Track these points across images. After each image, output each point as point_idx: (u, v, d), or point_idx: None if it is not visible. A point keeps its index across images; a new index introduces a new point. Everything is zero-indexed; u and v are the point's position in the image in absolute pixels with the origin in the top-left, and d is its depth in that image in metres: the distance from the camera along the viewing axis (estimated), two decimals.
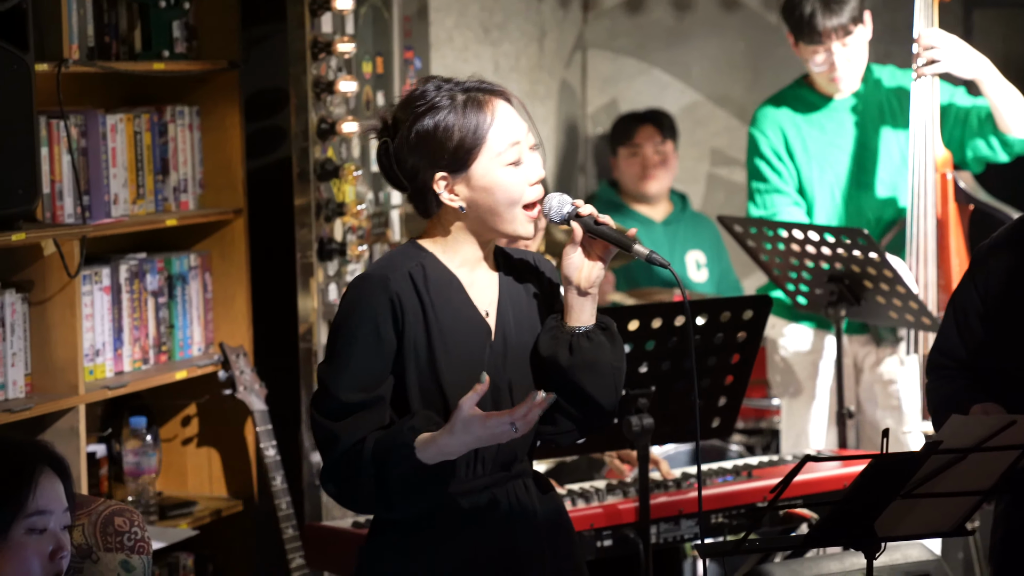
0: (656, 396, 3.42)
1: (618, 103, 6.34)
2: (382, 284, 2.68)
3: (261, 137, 4.38)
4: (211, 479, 4.32)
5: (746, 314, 3.52)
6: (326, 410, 2.69)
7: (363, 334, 2.67)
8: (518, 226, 2.73)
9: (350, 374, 2.67)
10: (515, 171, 2.72)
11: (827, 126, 4.53)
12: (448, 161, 2.69)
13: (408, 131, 2.70)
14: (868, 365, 4.59)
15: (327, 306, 4.33)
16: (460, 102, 2.70)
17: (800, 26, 4.41)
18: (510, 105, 2.74)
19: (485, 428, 2.60)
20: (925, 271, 4.34)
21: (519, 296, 2.80)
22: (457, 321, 2.72)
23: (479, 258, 2.77)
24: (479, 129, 2.69)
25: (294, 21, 4.24)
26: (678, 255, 5.72)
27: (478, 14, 5.67)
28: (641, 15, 6.35)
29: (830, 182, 4.51)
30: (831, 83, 4.49)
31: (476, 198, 2.70)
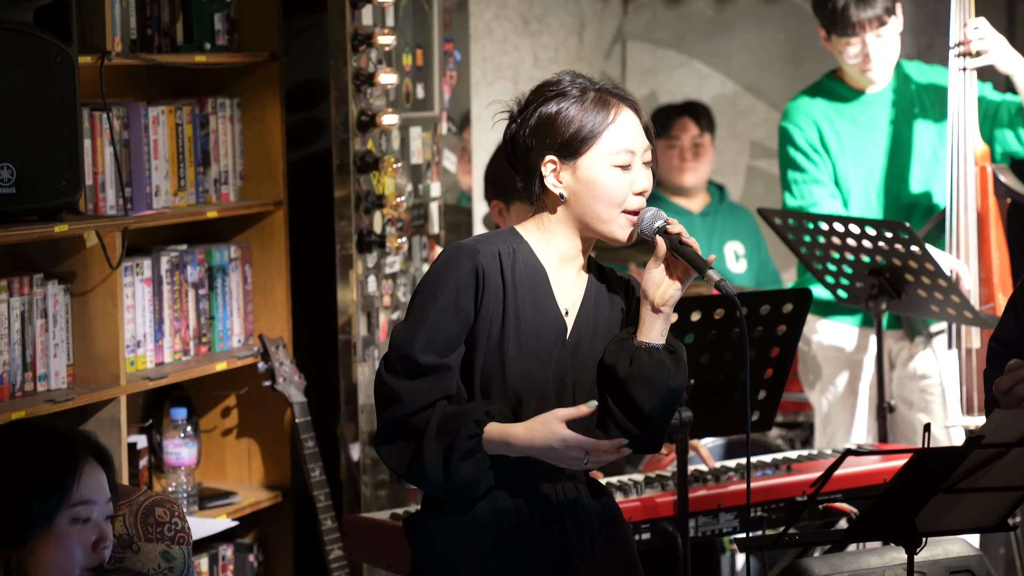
0: (695, 389, 3.41)
1: (658, 95, 6.33)
2: (471, 254, 2.70)
3: (301, 129, 4.40)
4: (250, 470, 4.34)
5: (786, 307, 3.50)
6: (395, 368, 2.70)
7: (444, 297, 2.69)
8: (615, 227, 2.74)
9: (425, 335, 2.68)
10: (621, 174, 2.73)
11: (859, 119, 4.51)
12: (560, 146, 2.72)
13: (532, 112, 2.74)
14: (901, 360, 4.56)
15: (366, 298, 4.34)
16: (590, 97, 2.74)
17: (833, 18, 4.39)
18: (636, 116, 2.77)
19: (563, 443, 2.63)
20: (966, 264, 4.32)
21: (604, 305, 2.81)
22: (536, 312, 2.74)
23: (572, 256, 2.78)
24: (597, 124, 2.72)
25: (335, 13, 4.25)
26: (717, 246, 5.70)
27: (517, 6, 5.67)
28: (681, 7, 6.33)
29: (863, 175, 4.50)
30: (863, 76, 4.46)
31: (578, 190, 2.73)
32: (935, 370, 4.50)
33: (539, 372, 2.72)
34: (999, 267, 4.31)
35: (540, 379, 2.73)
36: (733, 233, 5.73)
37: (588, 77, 2.79)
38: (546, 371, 2.73)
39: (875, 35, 4.38)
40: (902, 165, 4.49)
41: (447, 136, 5.07)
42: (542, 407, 2.72)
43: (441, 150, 4.77)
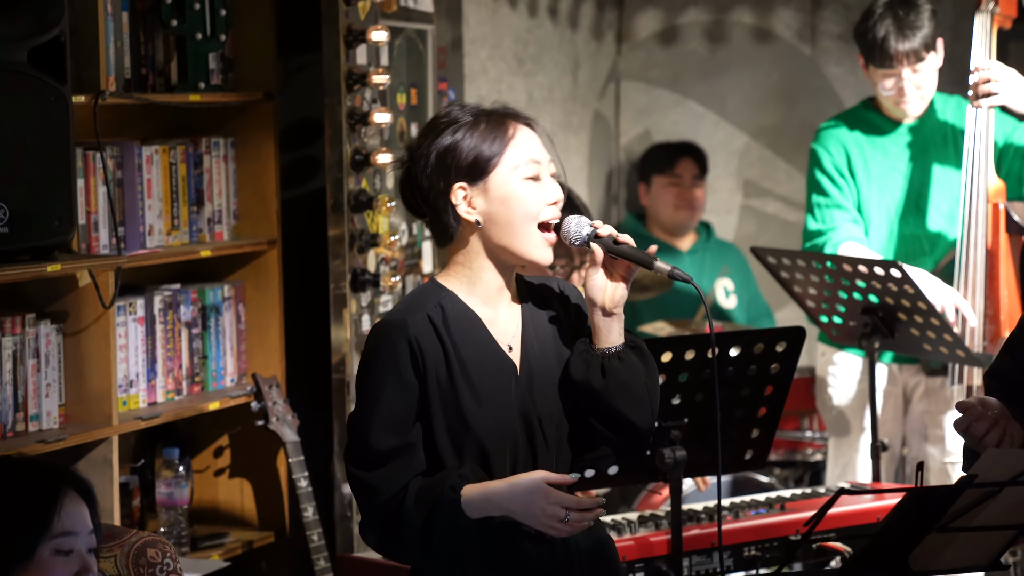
0: (689, 428, 3.40)
1: (652, 134, 6.34)
2: (400, 329, 2.68)
3: (296, 168, 4.40)
4: (243, 510, 4.33)
5: (779, 346, 3.50)
6: (360, 460, 2.69)
7: (388, 379, 2.67)
8: (533, 248, 2.72)
9: (380, 420, 2.67)
10: (533, 186, 2.72)
11: (890, 150, 4.53)
12: (466, 172, 2.70)
13: (428, 149, 2.72)
14: (917, 395, 4.57)
15: (360, 337, 4.34)
16: (482, 119, 2.73)
17: (872, 49, 4.40)
18: (533, 131, 2.76)
19: (545, 497, 2.60)
20: (973, 300, 4.32)
21: (542, 325, 2.79)
22: (481, 359, 2.71)
23: (500, 288, 2.76)
24: (498, 142, 2.71)
25: (330, 52, 4.26)
26: (707, 283, 5.72)
27: (512, 46, 5.69)
28: (675, 47, 6.35)
29: (887, 205, 4.51)
30: (898, 108, 4.48)
31: (493, 211, 2.71)
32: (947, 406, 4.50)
33: (502, 418, 2.70)
34: (1008, 304, 4.31)
35: (506, 425, 2.71)
36: (723, 270, 5.75)
37: (474, 104, 2.77)
38: (508, 415, 2.71)
39: (912, 70, 4.39)
40: (927, 198, 4.50)
41: None
42: (515, 453, 2.71)
43: None
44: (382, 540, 2.71)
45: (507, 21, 5.65)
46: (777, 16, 6.26)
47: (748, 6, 6.29)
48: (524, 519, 2.64)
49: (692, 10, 6.33)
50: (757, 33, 6.30)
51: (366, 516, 2.71)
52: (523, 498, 2.62)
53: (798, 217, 6.25)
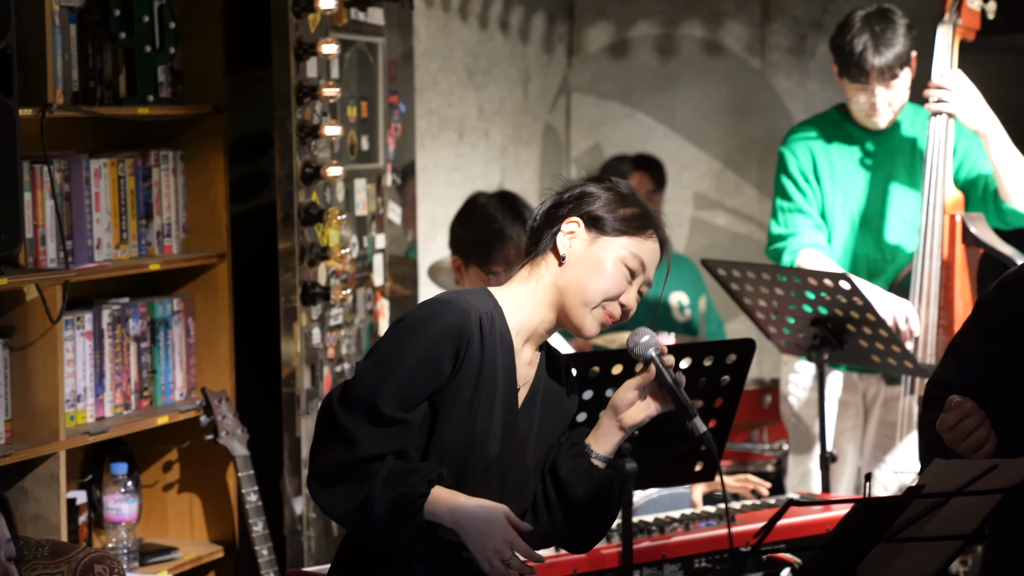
0: (641, 440, 3.41)
1: (602, 147, 6.36)
2: (462, 314, 2.66)
3: (246, 181, 4.39)
4: (192, 525, 4.30)
5: (729, 358, 3.51)
6: (354, 409, 2.63)
7: (422, 353, 2.64)
8: (589, 318, 2.74)
9: (394, 387, 2.63)
10: (623, 276, 2.74)
11: (857, 157, 4.56)
12: (592, 217, 2.74)
13: (582, 182, 2.79)
14: (877, 404, 4.60)
15: (310, 350, 4.32)
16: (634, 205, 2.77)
17: (847, 63, 4.42)
18: (660, 250, 2.79)
19: (503, 534, 2.61)
20: (927, 311, 4.35)
21: (552, 388, 2.81)
22: (500, 387, 2.71)
23: (538, 334, 2.77)
24: (636, 226, 2.74)
25: (279, 65, 4.25)
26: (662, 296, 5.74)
27: (463, 59, 5.69)
28: (626, 60, 6.38)
29: (851, 211, 4.54)
30: (868, 120, 4.51)
31: (582, 261, 2.73)
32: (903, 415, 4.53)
33: (490, 447, 2.71)
34: (962, 315, 4.34)
35: (490, 454, 2.71)
36: (677, 284, 5.77)
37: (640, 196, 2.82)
38: (494, 447, 2.71)
39: (884, 87, 4.42)
40: (894, 209, 4.53)
41: (392, 188, 5.07)
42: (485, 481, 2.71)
43: (386, 202, 4.78)
44: (335, 498, 2.64)
45: (458, 34, 5.65)
46: (727, 30, 6.30)
47: (698, 20, 6.32)
48: (471, 542, 2.63)
49: (642, 24, 6.35)
50: (707, 47, 6.33)
51: (326, 465, 2.64)
52: (483, 523, 2.62)
53: (748, 229, 6.29)
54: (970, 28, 4.45)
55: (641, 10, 6.35)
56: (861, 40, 4.38)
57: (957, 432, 2.76)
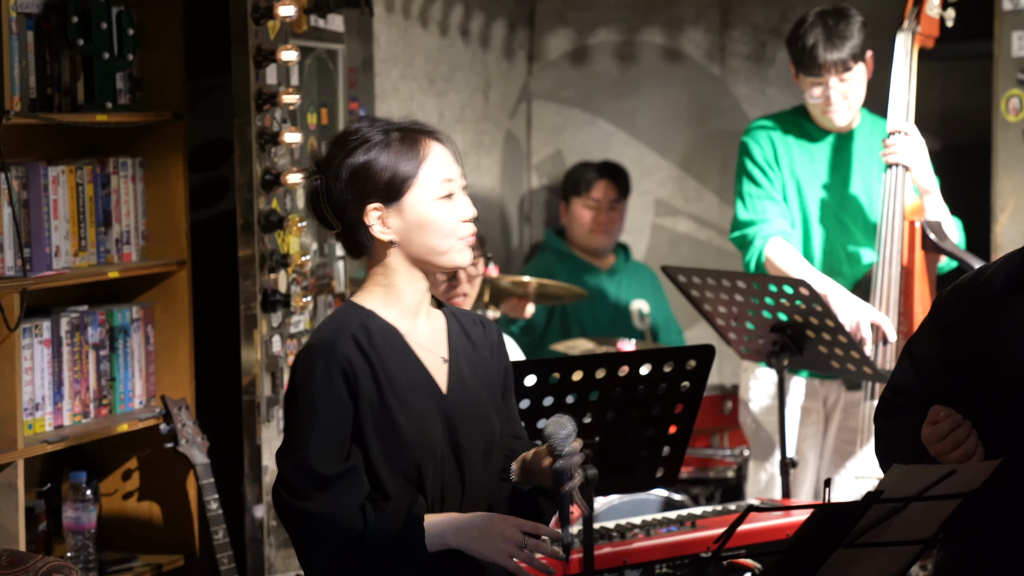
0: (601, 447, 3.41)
1: (563, 154, 6.37)
2: (329, 351, 2.67)
3: (205, 188, 4.37)
4: (152, 534, 4.28)
5: (689, 364, 3.52)
6: (302, 492, 2.63)
7: (323, 404, 2.65)
8: (455, 255, 2.74)
9: (319, 447, 2.63)
10: (448, 205, 2.73)
11: (816, 157, 4.58)
12: (382, 193, 2.70)
13: (340, 166, 2.71)
14: (838, 410, 4.62)
15: (270, 358, 4.31)
16: (394, 138, 2.72)
17: (801, 57, 4.46)
18: (442, 145, 2.76)
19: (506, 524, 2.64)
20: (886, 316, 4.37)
21: (468, 346, 2.81)
22: (408, 375, 2.72)
23: (419, 300, 2.77)
24: (412, 162, 2.71)
25: (239, 72, 4.24)
26: (622, 304, 5.75)
27: (423, 65, 5.69)
28: (586, 66, 6.39)
29: (805, 211, 4.55)
30: (824, 116, 4.53)
31: (409, 231, 2.72)
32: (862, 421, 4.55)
33: (432, 433, 2.71)
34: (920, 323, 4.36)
35: (435, 441, 2.71)
36: (638, 292, 5.79)
37: (385, 119, 2.77)
38: (436, 431, 2.72)
39: (839, 79, 4.44)
40: (850, 215, 4.56)
41: None
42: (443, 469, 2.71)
43: None
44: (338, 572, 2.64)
45: (418, 41, 5.65)
46: (687, 36, 6.32)
47: (658, 27, 6.34)
48: (481, 546, 2.64)
49: (603, 30, 6.37)
50: (667, 53, 6.35)
51: (316, 549, 2.63)
52: (483, 523, 2.64)
53: (709, 235, 6.31)
54: (929, 35, 4.49)
55: (601, 17, 6.37)
56: (814, 33, 4.42)
57: (950, 442, 2.77)
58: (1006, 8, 5.15)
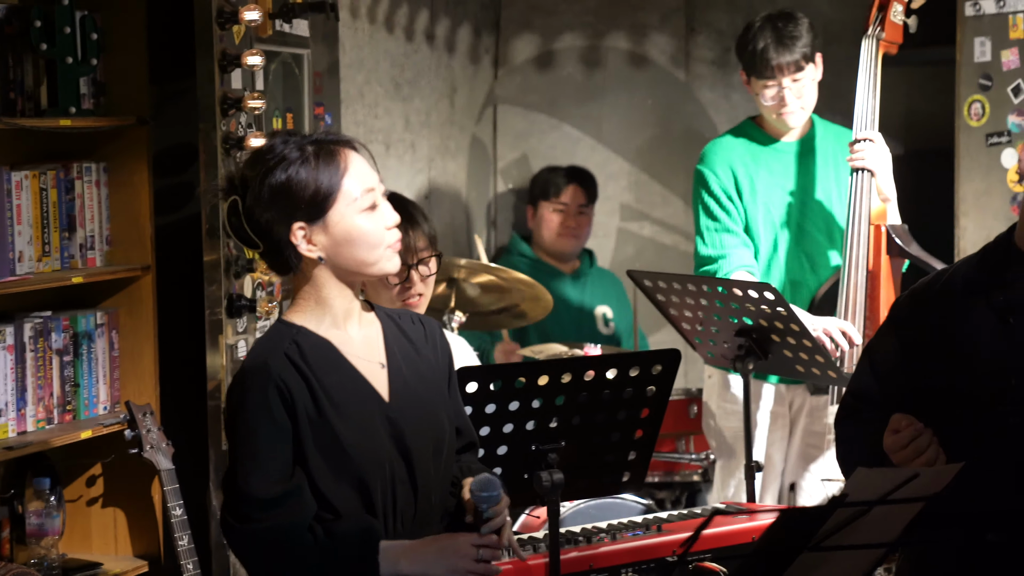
0: (567, 451, 3.41)
1: (529, 158, 6.38)
2: (263, 373, 2.67)
3: (170, 193, 4.36)
4: (116, 540, 4.26)
5: (655, 368, 3.53)
6: (246, 515, 2.63)
7: (261, 426, 2.64)
8: (384, 263, 2.74)
9: (261, 470, 2.63)
10: (372, 216, 2.73)
11: (774, 167, 4.60)
12: (305, 211, 2.69)
13: (260, 186, 2.70)
14: (803, 415, 4.64)
15: (236, 363, 4.30)
16: (310, 153, 2.71)
17: (753, 61, 4.49)
18: (359, 154, 2.75)
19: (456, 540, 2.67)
20: (854, 322, 4.40)
21: (407, 346, 2.81)
22: (345, 387, 2.72)
23: (349, 309, 2.77)
24: (333, 177, 2.70)
25: (204, 77, 4.22)
26: (587, 309, 5.76)
27: (389, 70, 5.69)
28: (551, 71, 6.40)
29: (773, 222, 4.58)
30: (780, 120, 4.55)
31: (336, 247, 2.71)
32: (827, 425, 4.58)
33: (376, 445, 2.71)
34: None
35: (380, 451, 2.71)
36: (602, 297, 5.80)
37: (294, 133, 2.77)
38: (381, 441, 2.72)
39: (792, 79, 4.48)
40: (813, 220, 4.58)
41: None
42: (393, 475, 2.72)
43: None
44: None
45: (384, 46, 5.65)
46: (652, 42, 6.34)
47: (623, 32, 6.35)
48: (438, 568, 2.66)
49: (568, 35, 6.38)
50: (632, 58, 6.36)
51: (267, 571, 2.64)
52: (435, 545, 2.67)
53: (674, 240, 6.33)
54: (893, 42, 4.52)
55: (566, 22, 6.38)
56: (764, 37, 4.47)
57: (911, 450, 2.78)
58: (968, 14, 5.19)
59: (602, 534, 3.64)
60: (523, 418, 3.32)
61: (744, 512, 3.67)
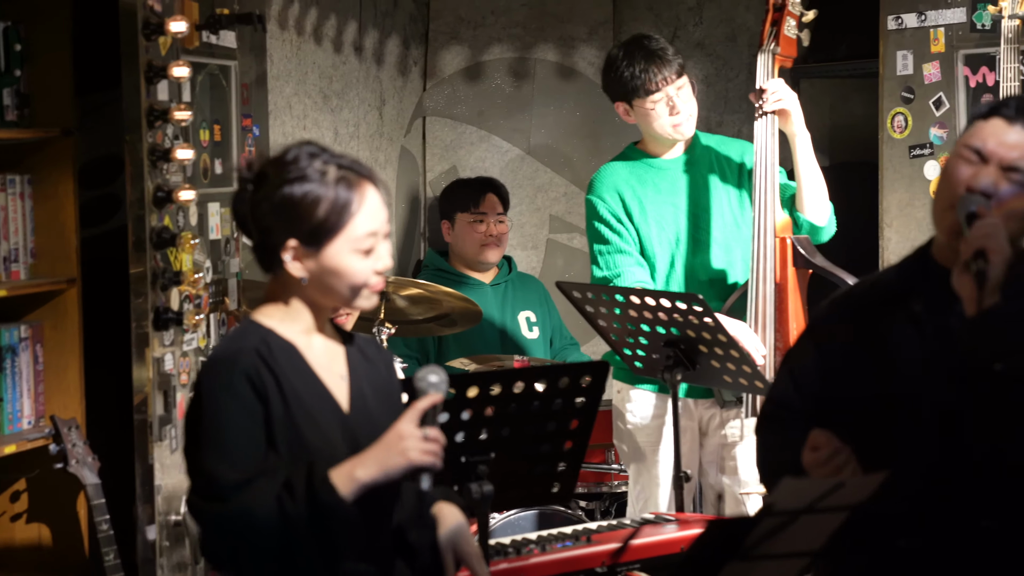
0: (497, 463, 3.42)
1: (458, 170, 6.39)
2: (233, 361, 2.67)
3: (96, 205, 4.33)
4: (42, 555, 4.22)
5: (584, 380, 3.54)
6: (218, 496, 2.61)
7: (232, 413, 2.64)
8: (360, 301, 2.76)
9: (231, 456, 2.62)
10: (365, 260, 2.73)
11: (662, 186, 4.62)
12: (305, 233, 2.69)
13: (274, 190, 2.69)
14: (712, 427, 4.66)
15: (163, 376, 4.27)
16: (331, 179, 2.70)
17: (633, 84, 4.52)
18: (377, 192, 2.75)
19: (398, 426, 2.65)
20: (764, 334, 4.44)
21: (370, 370, 2.83)
22: (309, 392, 2.73)
23: (316, 326, 2.79)
24: (344, 213, 2.70)
25: (130, 88, 4.19)
26: (509, 315, 5.76)
27: (317, 82, 5.67)
28: (480, 83, 6.41)
29: (668, 240, 4.60)
30: (675, 131, 4.57)
31: (321, 277, 2.72)
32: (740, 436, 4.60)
33: (335, 453, 2.71)
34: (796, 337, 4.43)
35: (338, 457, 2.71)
36: (524, 302, 5.81)
37: (327, 151, 2.74)
38: (340, 450, 2.72)
39: (676, 88, 4.52)
40: (705, 232, 4.61)
41: None
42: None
43: None
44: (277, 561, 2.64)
45: (312, 57, 5.64)
46: (580, 54, 6.37)
47: (551, 44, 6.38)
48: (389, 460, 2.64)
49: (496, 47, 6.39)
50: (561, 70, 6.39)
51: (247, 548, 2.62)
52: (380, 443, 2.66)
53: None
54: (787, 56, 4.58)
55: (495, 35, 6.40)
56: (636, 60, 4.52)
57: (830, 468, 2.81)
58: (890, 28, 5.26)
59: (532, 545, 3.65)
60: (453, 430, 3.32)
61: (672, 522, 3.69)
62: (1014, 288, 2.75)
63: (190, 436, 2.69)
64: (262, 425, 2.66)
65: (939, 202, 2.84)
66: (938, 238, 2.87)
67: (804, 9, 4.58)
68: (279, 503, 2.61)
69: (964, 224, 2.73)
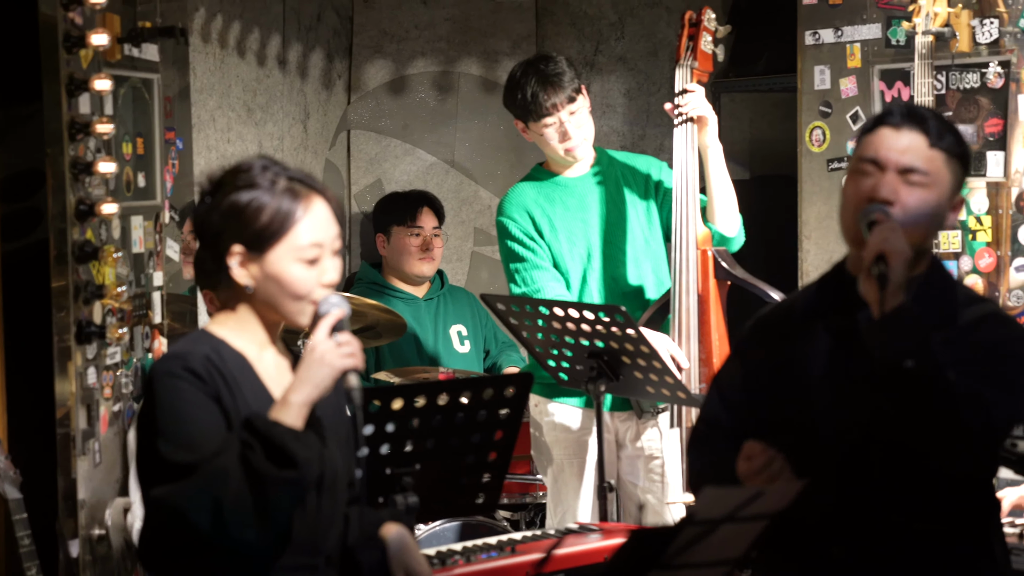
0: (421, 474, 3.44)
1: (383, 183, 6.40)
2: (183, 361, 2.68)
3: (17, 219, 4.29)
4: None
5: (508, 391, 3.57)
6: (186, 471, 2.61)
7: (186, 402, 2.65)
8: (299, 316, 2.77)
9: (193, 441, 2.62)
10: (308, 270, 2.75)
11: (569, 203, 4.67)
12: (248, 238, 2.72)
13: (223, 197, 2.73)
14: (629, 439, 4.70)
15: (86, 390, 4.24)
16: (280, 187, 2.74)
17: (526, 106, 4.59)
18: (326, 206, 2.77)
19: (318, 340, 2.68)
20: (688, 346, 4.48)
21: None
22: (258, 401, 2.74)
23: (267, 340, 2.81)
24: (288, 219, 2.72)
25: (51, 101, 4.17)
26: (442, 329, 5.78)
27: (241, 95, 5.67)
28: (404, 96, 6.43)
29: (580, 256, 4.64)
30: (568, 155, 4.63)
31: (265, 284, 2.74)
32: (660, 448, 4.65)
33: None
34: (718, 347, 4.49)
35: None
36: (456, 316, 5.83)
37: (280, 164, 2.79)
38: None
39: (568, 112, 4.57)
40: (616, 246, 4.65)
41: (169, 225, 5.01)
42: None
43: (164, 239, 4.72)
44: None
45: (235, 70, 5.63)
46: (503, 67, 6.40)
47: (475, 58, 6.41)
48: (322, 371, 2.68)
49: (420, 61, 6.42)
50: (484, 84, 6.43)
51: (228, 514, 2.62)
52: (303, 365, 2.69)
53: None
54: (704, 70, 4.65)
55: (418, 48, 6.42)
56: (532, 83, 4.59)
57: (764, 477, 2.84)
58: (808, 43, 5.34)
59: (456, 556, 3.67)
60: (377, 442, 3.34)
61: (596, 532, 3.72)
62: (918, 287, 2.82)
63: (147, 437, 2.68)
64: (217, 414, 2.67)
65: (844, 217, 2.90)
66: (850, 251, 2.93)
67: (719, 25, 4.66)
68: (244, 460, 2.62)
69: (865, 232, 2.80)
